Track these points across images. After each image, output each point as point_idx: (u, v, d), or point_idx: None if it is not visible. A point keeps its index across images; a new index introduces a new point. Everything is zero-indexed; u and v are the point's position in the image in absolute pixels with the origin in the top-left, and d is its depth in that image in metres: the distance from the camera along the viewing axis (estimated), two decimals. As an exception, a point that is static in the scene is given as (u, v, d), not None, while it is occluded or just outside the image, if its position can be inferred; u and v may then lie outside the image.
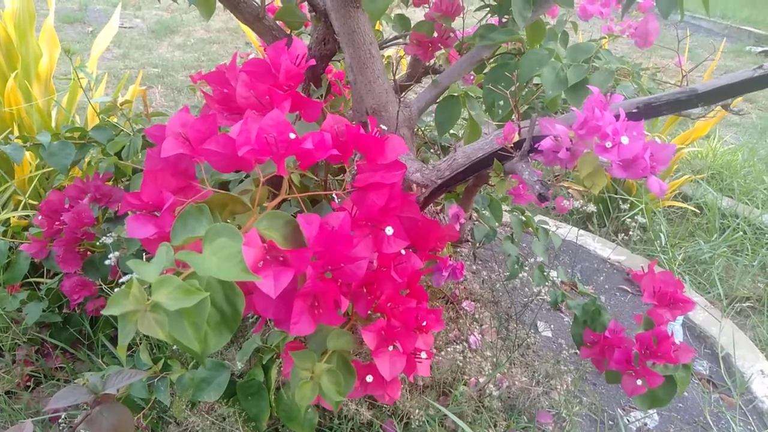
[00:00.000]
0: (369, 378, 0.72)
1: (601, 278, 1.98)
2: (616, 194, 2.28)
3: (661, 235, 2.11)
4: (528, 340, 1.60)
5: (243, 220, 0.67)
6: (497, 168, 0.72)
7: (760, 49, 4.99)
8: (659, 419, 1.46)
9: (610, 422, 1.42)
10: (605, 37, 1.74)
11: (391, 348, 0.66)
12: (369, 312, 0.70)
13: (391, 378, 0.66)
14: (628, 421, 1.42)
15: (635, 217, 2.05)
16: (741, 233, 2.19)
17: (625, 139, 0.56)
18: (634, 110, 0.70)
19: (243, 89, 0.61)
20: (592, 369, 1.54)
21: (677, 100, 0.68)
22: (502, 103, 0.84)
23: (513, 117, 0.85)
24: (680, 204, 2.35)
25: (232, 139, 0.54)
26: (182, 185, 0.61)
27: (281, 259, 0.50)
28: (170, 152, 0.57)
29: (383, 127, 0.68)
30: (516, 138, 0.69)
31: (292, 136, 0.52)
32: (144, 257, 1.00)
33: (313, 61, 0.64)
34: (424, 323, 0.72)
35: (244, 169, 0.57)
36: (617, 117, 0.60)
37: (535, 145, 0.61)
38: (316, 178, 1.20)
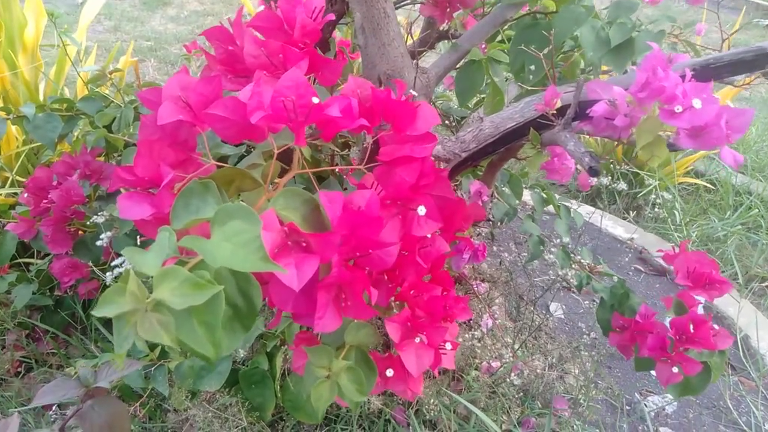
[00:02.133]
0: (389, 372, 0.65)
1: (614, 257, 1.92)
2: (620, 166, 2.21)
3: (676, 212, 2.05)
4: (540, 321, 1.54)
5: (251, 198, 0.59)
6: (534, 138, 0.64)
7: (766, 21, 4.88)
8: (677, 404, 1.41)
9: (628, 407, 1.37)
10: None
11: (417, 340, 0.59)
12: (390, 301, 0.63)
13: (418, 374, 0.60)
14: (645, 405, 1.37)
15: (659, 194, 1.97)
16: (756, 210, 2.13)
17: (697, 103, 0.48)
18: (690, 73, 0.62)
19: (252, 47, 0.52)
20: (606, 352, 1.49)
21: (741, 60, 0.60)
22: (533, 67, 0.76)
23: (547, 82, 0.77)
24: (693, 180, 2.28)
25: (243, 103, 0.46)
26: (182, 158, 0.53)
27: (303, 244, 0.43)
28: (168, 119, 0.49)
29: (413, 92, 0.60)
30: (558, 104, 0.61)
31: (315, 100, 0.44)
32: (138, 240, 0.92)
33: (332, 16, 0.56)
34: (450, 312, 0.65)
35: (254, 139, 0.50)
36: (682, 77, 0.52)
37: (587, 111, 0.53)
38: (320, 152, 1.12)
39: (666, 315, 0.94)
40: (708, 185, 2.28)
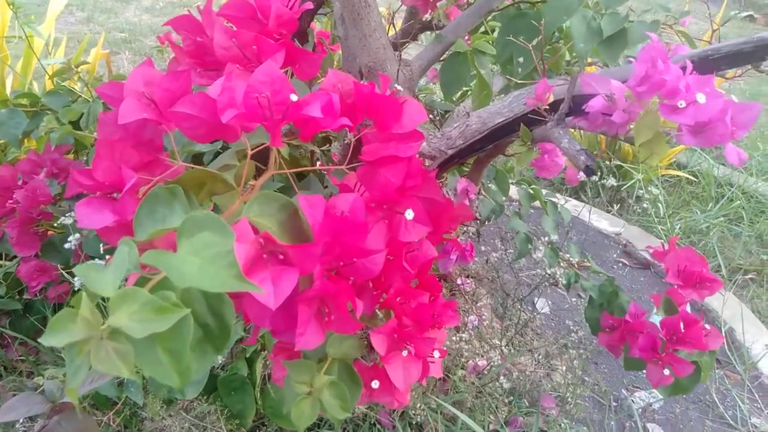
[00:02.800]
0: (375, 384, 0.61)
1: (599, 251, 1.91)
2: (610, 161, 2.20)
3: (660, 205, 2.04)
4: (526, 318, 1.52)
5: (224, 201, 0.55)
6: (524, 135, 0.61)
7: (744, 13, 4.92)
8: (664, 399, 1.40)
9: (615, 403, 1.36)
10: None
11: (404, 352, 0.56)
12: (375, 309, 0.59)
13: (406, 388, 0.56)
14: (632, 401, 1.36)
15: (646, 188, 1.96)
16: (737, 202, 2.13)
17: (701, 97, 0.45)
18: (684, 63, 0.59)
19: (222, 38, 0.48)
20: (593, 348, 1.47)
21: (740, 52, 0.58)
22: (522, 59, 0.73)
23: (537, 76, 0.73)
24: (675, 172, 2.28)
25: (212, 99, 0.42)
26: (147, 159, 0.48)
27: (281, 256, 0.39)
28: (130, 117, 0.44)
29: (398, 87, 0.57)
30: (550, 98, 0.57)
31: (294, 98, 0.40)
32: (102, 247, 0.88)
33: (310, 4, 0.52)
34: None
35: (226, 138, 0.45)
36: (683, 70, 0.49)
37: (582, 107, 0.50)
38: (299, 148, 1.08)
39: (655, 313, 0.93)
40: (690, 177, 2.28)
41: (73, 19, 4.09)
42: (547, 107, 0.56)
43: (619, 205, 2.15)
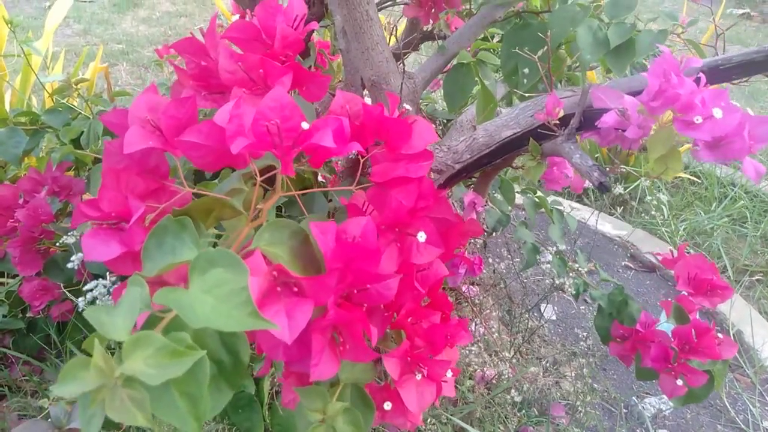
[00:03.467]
0: (387, 405, 0.60)
1: (603, 255, 1.90)
2: (611, 163, 2.19)
3: (663, 207, 2.03)
4: (532, 324, 1.51)
5: (233, 225, 0.54)
6: (534, 150, 0.60)
7: (741, 11, 4.92)
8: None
9: (625, 410, 1.35)
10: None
11: (418, 376, 0.55)
12: (386, 330, 0.58)
13: (420, 411, 0.55)
14: (642, 408, 1.35)
15: (654, 195, 1.95)
16: (741, 202, 2.12)
17: (718, 112, 0.44)
18: (697, 75, 0.58)
19: (228, 61, 0.47)
20: (600, 353, 1.46)
21: (752, 61, 0.57)
22: (527, 70, 0.72)
23: (541, 87, 0.73)
24: (678, 173, 2.27)
25: (220, 128, 0.41)
26: (153, 187, 0.47)
27: (294, 288, 0.38)
28: (136, 147, 0.43)
29: (407, 107, 0.56)
30: (560, 113, 0.56)
31: (305, 126, 0.39)
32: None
33: (314, 24, 0.51)
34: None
35: (235, 165, 0.45)
36: (696, 82, 0.48)
37: (596, 123, 0.49)
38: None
39: (665, 321, 0.92)
40: (693, 178, 2.27)
41: (70, 31, 4.08)
42: (557, 122, 0.56)
43: (622, 207, 2.14)
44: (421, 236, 0.49)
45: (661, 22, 0.66)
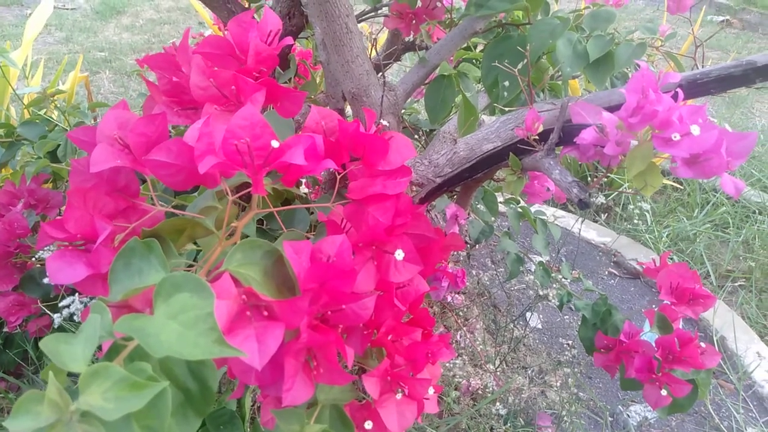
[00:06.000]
0: (368, 424, 0.59)
1: (588, 262, 1.90)
2: (596, 171, 2.20)
3: (647, 214, 2.04)
4: (518, 333, 1.50)
5: (208, 243, 0.53)
6: (514, 165, 0.60)
7: (721, 18, 4.99)
8: (660, 412, 1.39)
9: (611, 418, 1.35)
10: (588, 7, 1.63)
11: (398, 395, 0.54)
12: (367, 348, 0.57)
13: (401, 431, 0.54)
14: (628, 416, 1.35)
15: (637, 204, 1.97)
16: (723, 208, 2.14)
17: (695, 129, 0.44)
18: (677, 89, 0.58)
19: (199, 77, 0.46)
20: (586, 362, 1.46)
21: (730, 76, 0.57)
22: (507, 83, 0.71)
23: (523, 98, 0.72)
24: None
25: (190, 146, 0.40)
26: (123, 206, 0.46)
27: (264, 312, 0.37)
28: (103, 165, 0.42)
29: (384, 122, 0.55)
30: (539, 128, 0.56)
31: (275, 144, 0.38)
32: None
33: (289, 39, 0.50)
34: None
35: (206, 184, 0.43)
36: (674, 97, 0.48)
37: (574, 140, 0.49)
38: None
39: (649, 330, 0.91)
40: (675, 184, 2.29)
41: (51, 39, 4.04)
42: (536, 137, 0.55)
43: (606, 214, 2.15)
44: (399, 254, 0.48)
45: (641, 34, 0.66)
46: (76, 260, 0.42)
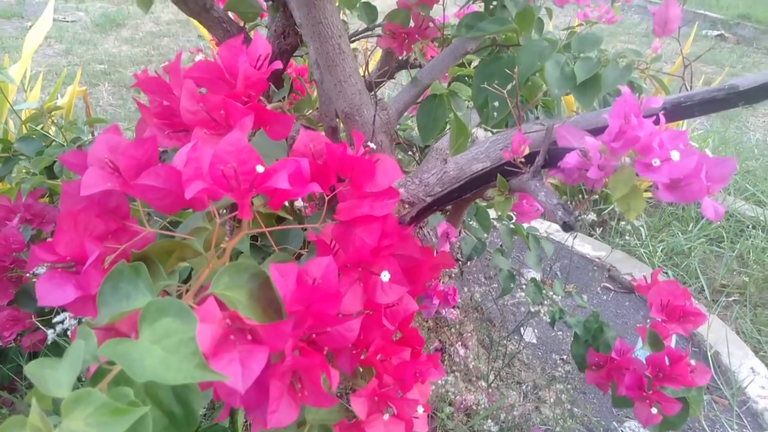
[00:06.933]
0: (358, 443, 0.59)
1: (582, 276, 1.91)
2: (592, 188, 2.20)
3: (642, 228, 2.05)
4: (512, 348, 1.50)
5: (199, 263, 0.53)
6: (502, 185, 0.60)
7: (715, 32, 5.03)
8: (654, 427, 1.38)
9: (605, 435, 1.34)
10: (581, 24, 1.65)
11: (386, 415, 0.54)
12: (356, 367, 0.58)
13: (389, 451, 0.54)
14: (622, 432, 1.35)
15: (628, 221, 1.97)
16: (717, 222, 2.15)
17: (675, 155, 0.45)
18: (661, 112, 0.59)
19: (189, 102, 0.47)
20: (581, 377, 1.46)
21: (713, 99, 0.58)
22: (497, 103, 0.72)
23: (513, 118, 0.73)
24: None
25: (177, 171, 0.41)
26: (113, 228, 0.47)
27: (248, 336, 0.37)
28: (93, 189, 0.43)
29: (371, 145, 0.56)
30: (526, 151, 0.57)
31: (260, 169, 0.39)
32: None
33: (278, 64, 0.51)
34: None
35: (194, 208, 0.44)
36: (656, 122, 0.49)
37: (559, 164, 0.50)
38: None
39: (641, 347, 0.92)
40: (670, 199, 2.29)
41: (51, 51, 4.07)
42: (523, 160, 0.56)
43: (601, 228, 2.16)
44: (385, 276, 0.48)
45: (630, 54, 0.67)
46: (65, 282, 0.43)
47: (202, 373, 0.32)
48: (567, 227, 0.50)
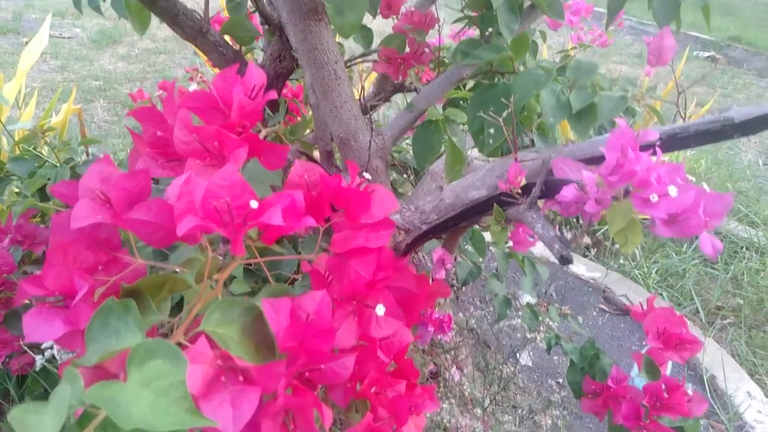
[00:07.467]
0: (352, 477, 0.58)
1: (578, 297, 1.90)
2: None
3: (636, 249, 2.05)
4: (508, 371, 1.49)
5: (189, 293, 0.52)
6: (498, 215, 0.60)
7: (707, 54, 5.10)
8: (650, 453, 1.37)
9: (601, 461, 1.33)
10: (575, 47, 1.66)
11: (381, 450, 0.53)
12: (351, 400, 0.57)
13: (384, 486, 0.53)
14: (619, 457, 1.33)
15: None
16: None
17: (673, 191, 0.44)
18: (657, 143, 0.59)
19: (183, 132, 0.46)
20: (576, 401, 1.44)
21: (709, 131, 0.58)
22: (493, 131, 0.72)
23: (507, 149, 0.73)
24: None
25: (169, 205, 0.40)
26: (104, 259, 0.46)
27: (240, 377, 0.36)
28: (84, 222, 0.42)
29: (366, 175, 0.55)
30: (522, 181, 0.57)
31: (254, 204, 0.39)
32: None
33: (273, 94, 0.51)
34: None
35: (186, 241, 0.43)
36: (654, 152, 0.49)
37: (556, 197, 0.49)
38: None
39: (638, 374, 0.91)
40: (664, 220, 2.30)
41: (47, 67, 4.07)
42: (519, 191, 0.56)
43: (596, 249, 2.16)
44: (380, 309, 0.48)
45: (623, 86, 0.67)
46: (53, 317, 0.42)
47: (192, 419, 0.31)
48: (564, 261, 0.49)
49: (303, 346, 0.41)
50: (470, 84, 1.11)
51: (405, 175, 1.20)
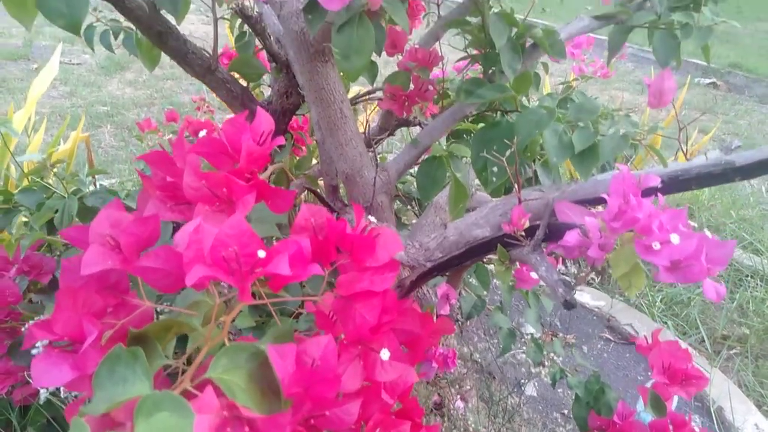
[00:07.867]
0: None
1: (582, 326, 1.89)
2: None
3: (640, 278, 2.04)
4: (513, 401, 1.48)
5: (196, 334, 0.53)
6: (502, 256, 0.61)
7: (707, 80, 5.13)
8: (657, 487, 1.35)
9: (607, 495, 1.31)
10: (577, 79, 1.68)
11: (386, 493, 0.53)
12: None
13: None
14: (625, 492, 1.31)
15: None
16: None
17: (675, 238, 0.45)
18: (658, 185, 0.60)
19: (192, 178, 0.47)
20: None
21: (710, 174, 0.58)
22: (496, 169, 0.73)
23: (510, 185, 0.74)
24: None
25: (178, 253, 0.41)
26: (113, 303, 0.47)
27: (246, 428, 0.37)
28: (94, 268, 0.43)
29: (372, 219, 0.56)
30: (526, 224, 0.57)
31: (262, 254, 0.39)
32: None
33: (281, 140, 0.52)
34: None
35: (195, 288, 0.44)
36: (655, 194, 0.50)
37: (559, 242, 0.50)
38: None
39: (643, 410, 0.91)
40: (669, 247, 2.30)
41: (56, 93, 4.13)
42: (523, 233, 0.56)
43: (599, 277, 2.15)
44: (385, 354, 0.48)
45: (624, 125, 0.68)
46: (62, 362, 0.42)
47: (198, 474, 0.31)
48: (568, 305, 0.49)
49: (308, 393, 0.42)
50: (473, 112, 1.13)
51: (409, 207, 1.21)
